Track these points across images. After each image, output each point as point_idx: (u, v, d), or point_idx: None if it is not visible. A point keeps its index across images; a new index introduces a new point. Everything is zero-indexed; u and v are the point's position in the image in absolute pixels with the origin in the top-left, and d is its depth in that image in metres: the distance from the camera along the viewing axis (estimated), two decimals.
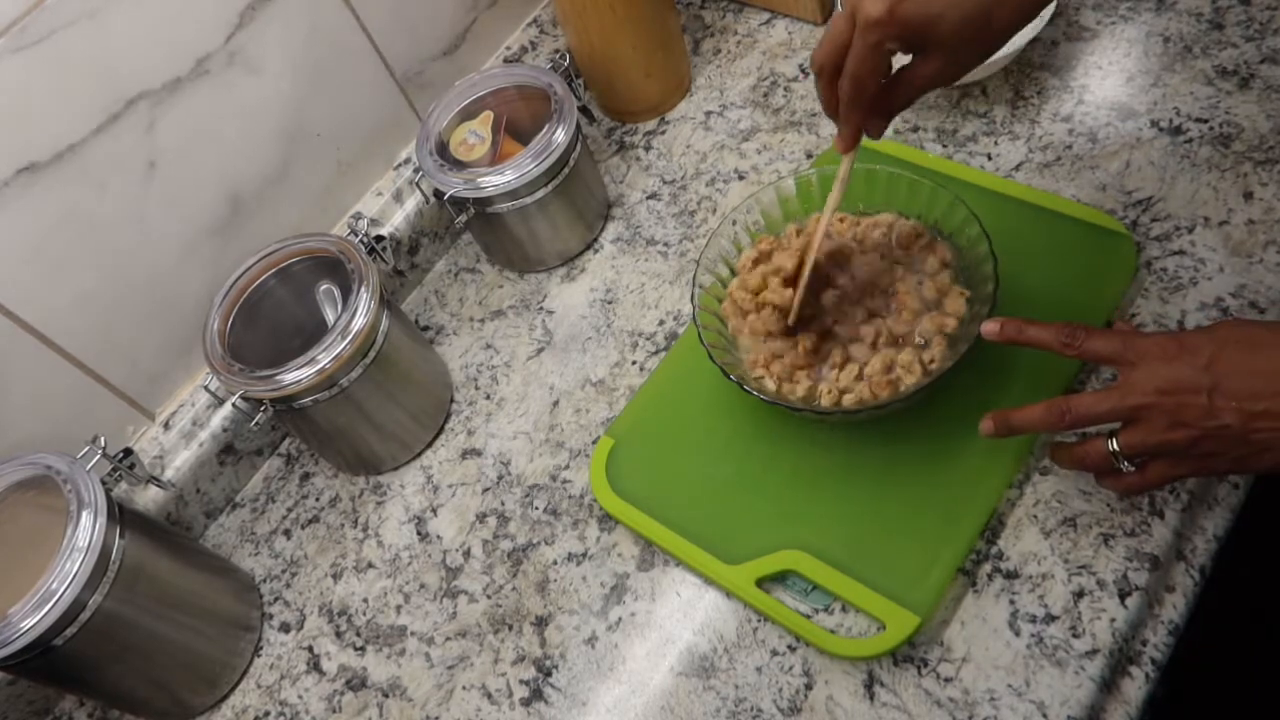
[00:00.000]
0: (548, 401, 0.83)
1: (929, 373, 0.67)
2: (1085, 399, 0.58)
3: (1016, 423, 0.61)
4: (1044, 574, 0.64)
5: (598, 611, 0.71)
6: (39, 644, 0.62)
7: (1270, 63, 0.81)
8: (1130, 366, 0.57)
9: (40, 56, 0.66)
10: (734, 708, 0.65)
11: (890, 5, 0.53)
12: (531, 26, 1.03)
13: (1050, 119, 0.84)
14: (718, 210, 0.89)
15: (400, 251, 0.91)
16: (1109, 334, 0.59)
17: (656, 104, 0.97)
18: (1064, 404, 0.59)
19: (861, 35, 0.55)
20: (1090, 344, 0.59)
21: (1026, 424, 0.61)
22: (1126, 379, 0.57)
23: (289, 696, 0.75)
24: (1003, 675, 0.61)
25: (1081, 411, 0.58)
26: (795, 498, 0.70)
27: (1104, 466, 0.60)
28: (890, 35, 0.54)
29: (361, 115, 0.88)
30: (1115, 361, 0.58)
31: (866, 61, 0.56)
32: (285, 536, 0.83)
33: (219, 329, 0.77)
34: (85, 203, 0.72)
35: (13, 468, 0.68)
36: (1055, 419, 0.59)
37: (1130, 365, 0.57)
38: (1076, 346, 0.59)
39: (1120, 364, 0.58)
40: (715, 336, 0.73)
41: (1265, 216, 0.73)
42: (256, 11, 0.77)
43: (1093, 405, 0.58)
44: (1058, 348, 0.60)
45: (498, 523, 0.78)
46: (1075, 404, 0.58)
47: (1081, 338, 0.59)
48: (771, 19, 1.01)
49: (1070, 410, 0.58)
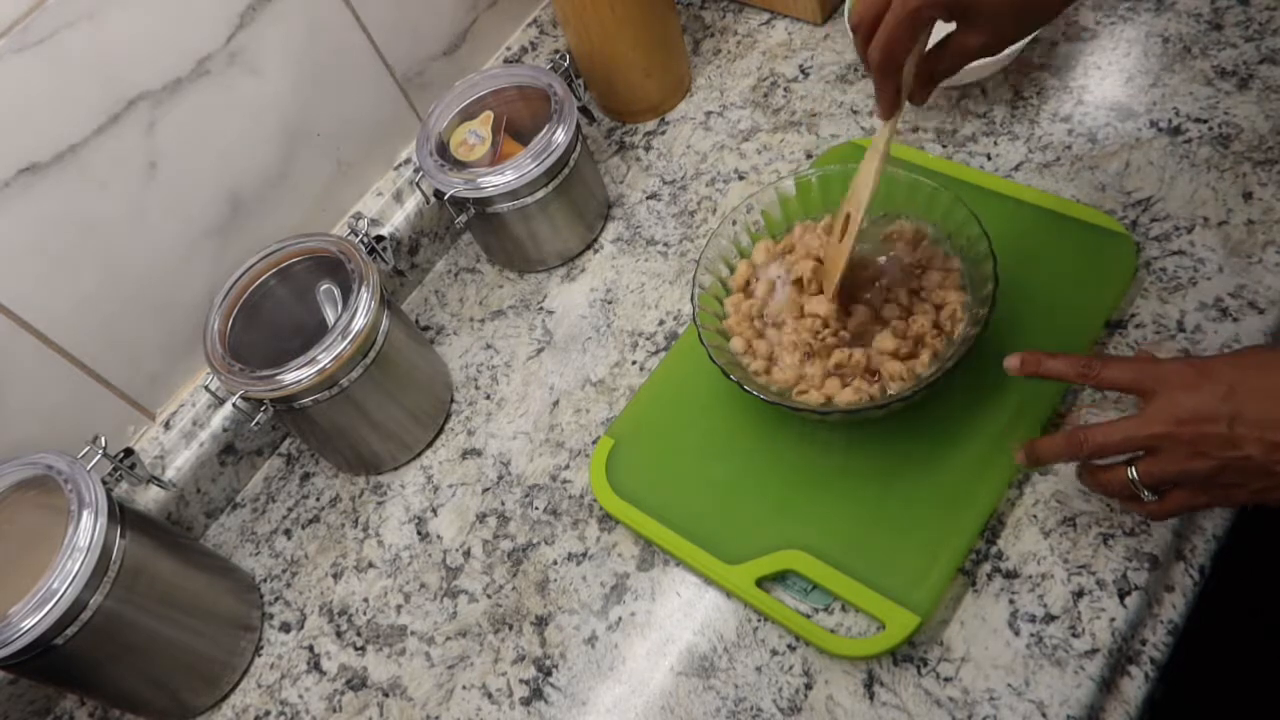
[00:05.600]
0: (548, 401, 0.83)
1: (928, 374, 0.67)
2: (1104, 429, 0.57)
3: (1041, 453, 0.61)
4: (1044, 574, 0.64)
5: (598, 611, 0.71)
6: (40, 643, 0.62)
7: (1269, 63, 0.81)
8: (1150, 395, 0.56)
9: (41, 57, 0.66)
10: (734, 707, 0.65)
11: None
12: (531, 26, 1.03)
13: (1050, 119, 0.84)
14: (718, 210, 0.89)
15: (400, 251, 0.91)
16: (1126, 362, 0.58)
17: (656, 104, 0.97)
18: (1083, 434, 0.58)
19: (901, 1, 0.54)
20: (1107, 373, 0.58)
21: (1050, 454, 0.60)
22: (1145, 407, 0.56)
23: (289, 696, 0.75)
24: (1002, 675, 0.61)
25: (1100, 441, 0.57)
26: (795, 498, 0.70)
27: (1125, 494, 0.59)
28: (932, 3, 0.54)
29: (362, 115, 0.88)
30: (1134, 390, 0.57)
31: (900, 28, 0.55)
32: (286, 536, 0.83)
33: (219, 329, 0.77)
34: (86, 203, 0.72)
35: (13, 468, 0.68)
36: (1075, 449, 0.58)
37: (1150, 393, 0.56)
38: (1094, 376, 0.59)
39: (1139, 392, 0.57)
40: (715, 336, 0.73)
41: (1264, 217, 0.73)
42: (257, 12, 0.77)
43: (1111, 435, 0.57)
44: (1075, 378, 0.60)
45: (498, 523, 0.78)
46: (1094, 434, 0.57)
47: (1098, 368, 0.58)
48: (771, 19, 1.01)
49: (1088, 441, 0.57)
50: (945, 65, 0.59)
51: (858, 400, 0.67)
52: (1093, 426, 0.58)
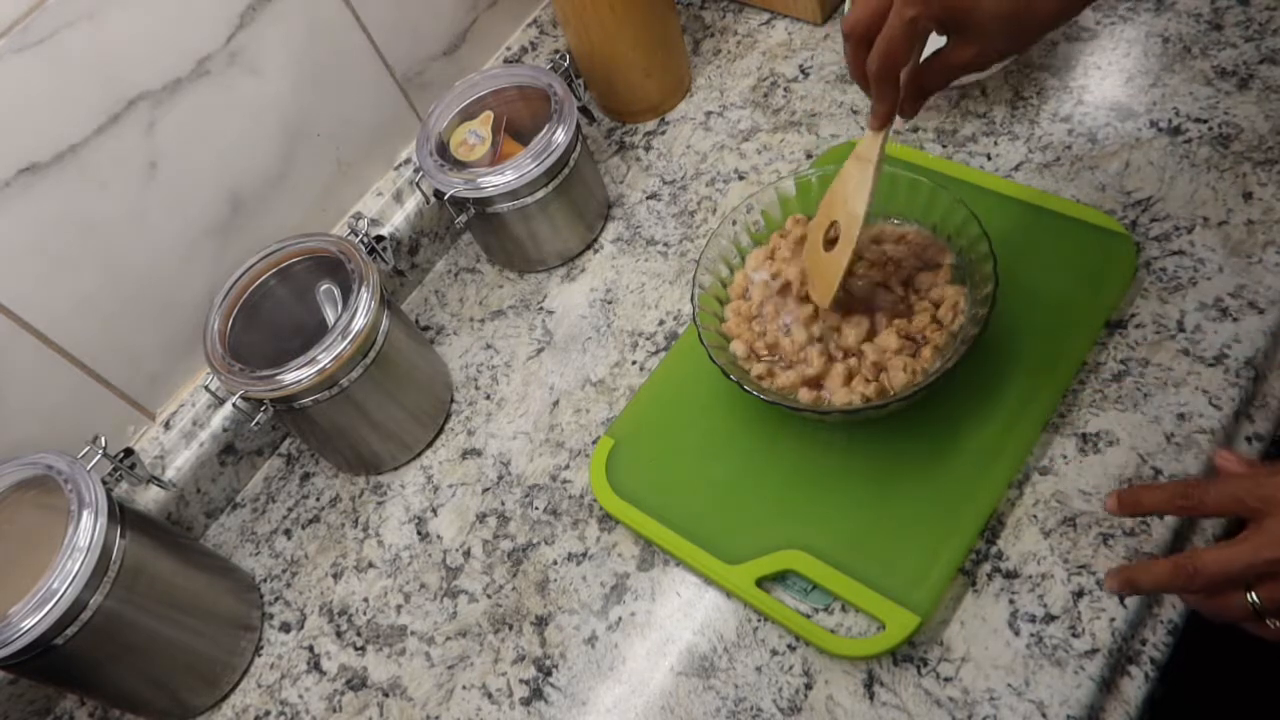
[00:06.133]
0: (548, 401, 0.83)
1: (928, 373, 0.67)
2: (1215, 555, 0.52)
3: (1141, 583, 0.56)
4: (1044, 574, 0.64)
5: (598, 611, 0.71)
6: (40, 643, 0.62)
7: (1269, 63, 0.81)
8: (1259, 515, 0.51)
9: (41, 57, 0.66)
10: (734, 707, 0.65)
11: None
12: (531, 26, 1.03)
13: (1050, 119, 0.84)
14: (718, 210, 0.89)
15: (400, 251, 0.91)
16: (1229, 481, 0.54)
17: (656, 104, 0.97)
18: (1191, 564, 0.52)
19: (898, 10, 0.54)
20: (1210, 499, 0.54)
21: (1152, 585, 0.55)
22: (1259, 529, 0.51)
23: (289, 696, 0.75)
24: (1002, 675, 0.61)
25: (1213, 572, 0.52)
26: (795, 497, 0.70)
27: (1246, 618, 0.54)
28: (928, 14, 0.53)
29: (362, 115, 0.88)
30: (1241, 514, 0.53)
31: (899, 36, 0.55)
32: (286, 536, 0.83)
33: (219, 329, 0.77)
34: (86, 203, 0.72)
35: (13, 468, 0.68)
36: (1184, 581, 0.53)
37: (1258, 514, 0.51)
38: (1196, 507, 0.54)
39: (1246, 514, 0.52)
40: (715, 336, 0.73)
41: (1264, 217, 0.73)
42: (257, 12, 0.77)
43: (1225, 564, 0.51)
44: (1175, 510, 0.56)
45: (498, 523, 0.78)
46: (1204, 563, 0.52)
47: (1198, 494, 0.54)
48: (771, 19, 1.01)
49: (1200, 572, 0.52)
50: (935, 79, 0.59)
51: (858, 400, 0.67)
52: (1202, 553, 0.53)
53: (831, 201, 0.68)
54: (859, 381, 0.68)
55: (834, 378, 0.68)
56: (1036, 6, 0.53)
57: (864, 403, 0.67)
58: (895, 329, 0.69)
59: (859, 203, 0.65)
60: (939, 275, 0.71)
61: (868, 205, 0.64)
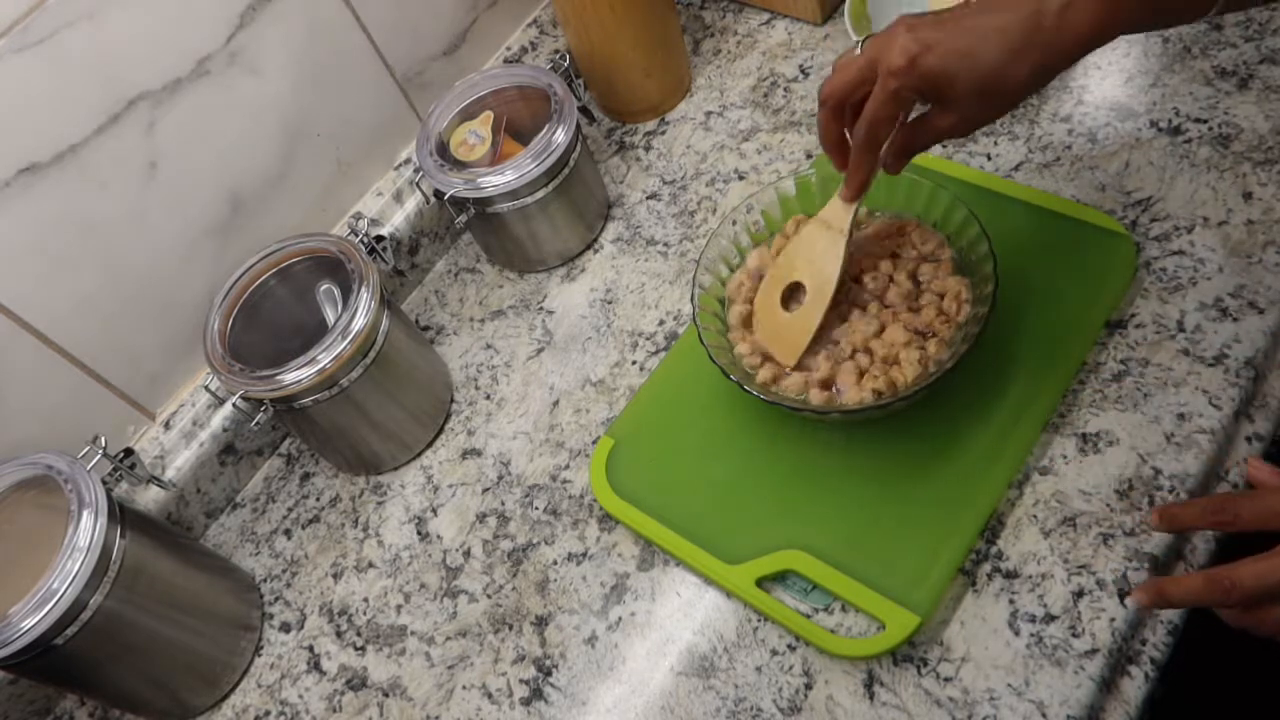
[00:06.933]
0: (548, 401, 0.83)
1: (928, 372, 0.67)
2: (1252, 569, 0.51)
3: (1174, 597, 0.55)
4: (1043, 574, 0.64)
5: (598, 611, 0.71)
6: (40, 643, 0.62)
7: (1269, 63, 0.81)
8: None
9: (41, 57, 0.66)
10: (734, 707, 0.65)
11: (912, 57, 0.55)
12: (531, 26, 1.03)
13: (1050, 119, 0.84)
14: (718, 210, 0.89)
15: (400, 251, 0.91)
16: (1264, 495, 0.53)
17: (656, 104, 0.97)
18: (1227, 578, 0.52)
19: (883, 82, 0.56)
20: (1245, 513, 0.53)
21: (1185, 598, 0.54)
22: None
23: (289, 696, 0.75)
24: (1002, 675, 0.61)
25: (1250, 586, 0.51)
26: (795, 497, 0.70)
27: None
28: (909, 85, 0.56)
29: (362, 115, 0.88)
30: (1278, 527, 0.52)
31: (885, 107, 0.57)
32: (286, 536, 0.83)
33: (219, 329, 0.77)
34: (86, 203, 0.72)
35: (13, 468, 0.68)
36: (1220, 595, 0.52)
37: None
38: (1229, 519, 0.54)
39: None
40: (715, 336, 0.73)
41: (1264, 217, 0.73)
42: (257, 12, 0.77)
43: (1263, 577, 0.51)
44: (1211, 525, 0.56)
45: (498, 523, 0.78)
46: (1241, 577, 0.51)
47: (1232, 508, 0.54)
48: (771, 19, 1.01)
49: (1236, 586, 0.51)
50: (920, 140, 0.61)
51: (858, 400, 0.67)
52: (1238, 567, 0.52)
53: (792, 263, 0.71)
54: (869, 378, 0.68)
55: (845, 376, 0.68)
56: (1007, 79, 0.55)
57: (875, 398, 0.67)
58: (903, 323, 0.69)
59: (832, 269, 0.68)
60: (940, 268, 0.71)
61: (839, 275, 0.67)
